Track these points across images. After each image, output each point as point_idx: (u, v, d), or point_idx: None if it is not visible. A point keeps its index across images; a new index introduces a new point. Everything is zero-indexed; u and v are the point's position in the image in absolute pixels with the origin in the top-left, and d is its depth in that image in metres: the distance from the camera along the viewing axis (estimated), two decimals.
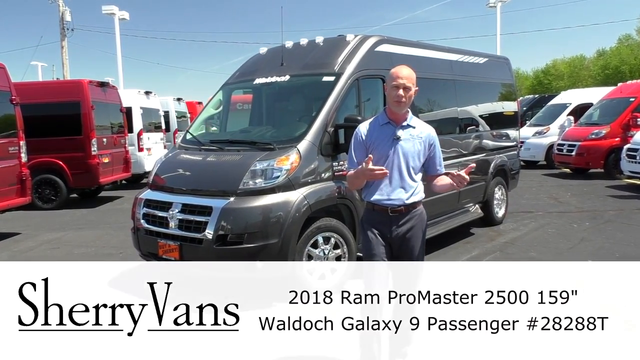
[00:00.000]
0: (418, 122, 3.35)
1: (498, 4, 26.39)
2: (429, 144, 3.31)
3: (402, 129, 3.26)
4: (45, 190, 11.16)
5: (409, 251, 3.29)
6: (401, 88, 3.14)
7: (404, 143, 3.24)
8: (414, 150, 3.25)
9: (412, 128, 3.28)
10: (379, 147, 3.23)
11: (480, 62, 8.03)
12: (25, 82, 11.63)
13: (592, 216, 8.74)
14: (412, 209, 3.28)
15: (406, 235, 3.27)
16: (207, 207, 4.88)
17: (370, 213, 3.36)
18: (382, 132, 3.26)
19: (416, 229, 3.30)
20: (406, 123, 3.27)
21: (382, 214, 3.27)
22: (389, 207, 3.25)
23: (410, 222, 3.28)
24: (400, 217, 3.26)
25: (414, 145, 3.25)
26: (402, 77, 3.15)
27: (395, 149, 3.23)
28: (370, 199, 3.30)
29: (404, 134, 3.25)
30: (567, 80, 56.82)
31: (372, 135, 3.27)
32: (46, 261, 6.79)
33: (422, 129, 3.32)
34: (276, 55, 6.25)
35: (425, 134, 3.31)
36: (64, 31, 29.52)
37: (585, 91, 19.04)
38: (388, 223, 3.26)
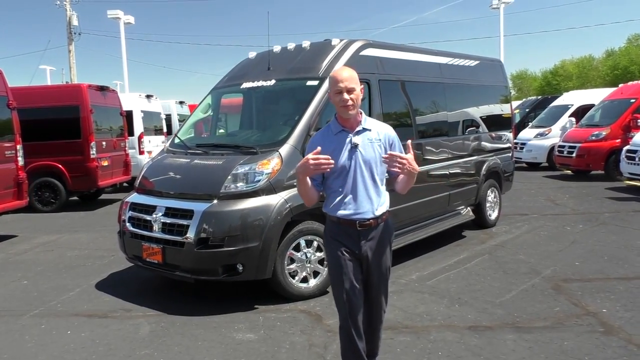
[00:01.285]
0: (374, 123, 3.08)
1: (501, 6, 26.34)
2: (389, 144, 3.02)
3: (358, 135, 2.98)
4: (45, 193, 11.31)
5: (379, 266, 3.05)
6: (344, 91, 2.88)
7: (362, 150, 2.96)
8: (374, 156, 2.98)
9: (369, 131, 3.00)
10: (337, 159, 2.93)
11: (471, 64, 8.03)
12: (25, 86, 11.75)
13: (587, 218, 8.69)
14: (380, 222, 3.04)
15: (375, 249, 3.03)
16: (189, 211, 4.93)
17: (335, 227, 3.05)
18: (337, 142, 2.98)
19: (385, 242, 3.08)
20: (361, 127, 3.00)
21: (349, 228, 2.99)
22: (357, 221, 2.97)
23: (379, 235, 3.04)
24: (370, 230, 3.00)
25: (374, 150, 2.98)
26: (342, 80, 2.89)
27: (355, 158, 2.95)
28: (335, 214, 3.00)
29: (361, 140, 2.97)
30: (576, 81, 56.45)
31: (328, 147, 2.95)
32: (37, 264, 6.90)
33: (380, 129, 3.04)
34: (264, 60, 6.30)
35: (384, 135, 3.02)
36: (71, 35, 29.87)
37: (587, 92, 18.92)
38: (356, 238, 2.99)
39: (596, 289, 5.19)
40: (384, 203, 3.07)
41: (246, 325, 4.58)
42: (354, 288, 2.99)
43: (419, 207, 6.62)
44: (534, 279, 5.58)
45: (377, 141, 3.00)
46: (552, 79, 62.69)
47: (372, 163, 2.98)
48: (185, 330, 4.50)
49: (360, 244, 3.00)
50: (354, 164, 2.96)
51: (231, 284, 5.32)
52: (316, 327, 4.46)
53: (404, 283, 5.61)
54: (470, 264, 6.25)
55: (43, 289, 5.82)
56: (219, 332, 4.44)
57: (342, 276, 3.00)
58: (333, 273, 3.08)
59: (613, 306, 4.70)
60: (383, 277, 3.11)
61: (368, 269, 3.05)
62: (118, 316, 4.91)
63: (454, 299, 5.06)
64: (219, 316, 4.79)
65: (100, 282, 5.98)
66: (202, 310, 4.96)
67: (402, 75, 6.49)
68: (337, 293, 3.05)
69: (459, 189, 7.43)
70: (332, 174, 2.97)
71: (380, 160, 2.98)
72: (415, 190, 6.53)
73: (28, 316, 4.97)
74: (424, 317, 4.61)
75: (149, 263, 5.23)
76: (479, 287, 5.37)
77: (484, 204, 8.08)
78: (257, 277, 4.92)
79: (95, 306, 5.20)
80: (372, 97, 5.92)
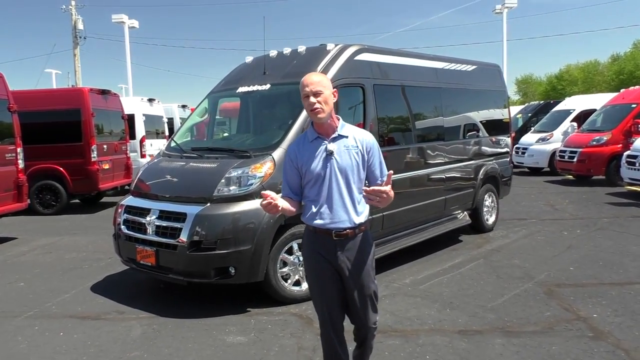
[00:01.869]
0: (351, 129, 2.94)
1: (504, 10, 26.36)
2: (367, 151, 2.89)
3: (334, 142, 2.87)
4: (46, 196, 11.38)
5: (357, 279, 2.93)
6: (311, 95, 2.78)
7: (338, 157, 2.84)
8: (351, 164, 2.86)
9: (345, 138, 2.88)
10: (312, 167, 2.86)
11: (468, 69, 8.05)
12: (28, 90, 11.86)
13: (585, 223, 8.68)
14: (358, 232, 2.92)
15: (354, 261, 2.91)
16: (182, 214, 4.97)
17: (311, 236, 2.97)
18: (313, 149, 2.88)
19: (364, 254, 2.95)
20: (337, 134, 2.88)
21: (325, 237, 2.89)
22: (333, 230, 2.87)
23: (356, 245, 2.92)
24: (346, 241, 2.89)
25: (351, 158, 2.86)
26: (308, 84, 2.80)
27: (331, 166, 2.84)
28: (311, 223, 2.92)
29: (337, 147, 2.86)
30: (581, 86, 56.33)
31: (303, 155, 2.89)
32: (34, 266, 6.95)
33: (357, 136, 2.91)
34: (260, 64, 6.35)
35: (361, 142, 2.89)
36: (76, 39, 30.06)
37: (589, 97, 18.87)
38: (332, 248, 2.89)
39: (588, 294, 5.19)
40: (363, 212, 2.94)
41: (237, 327, 4.60)
42: (331, 299, 2.95)
43: (415, 212, 6.64)
44: (527, 283, 5.58)
45: (355, 148, 2.88)
46: (558, 83, 62.57)
47: (348, 171, 2.86)
48: (177, 332, 4.53)
49: (337, 254, 2.90)
50: (329, 172, 2.85)
51: (225, 286, 5.35)
52: (306, 331, 4.48)
53: (396, 287, 5.62)
54: (464, 268, 6.26)
55: (39, 290, 5.87)
56: (210, 335, 4.47)
57: (319, 287, 2.98)
58: (310, 283, 3.08)
59: (604, 311, 4.70)
60: (364, 291, 2.96)
61: (346, 281, 2.93)
62: (111, 318, 4.95)
63: (446, 303, 5.07)
64: (211, 319, 4.82)
65: (95, 285, 6.02)
66: (194, 312, 4.99)
67: (397, 80, 6.52)
68: (315, 302, 3.06)
69: (455, 194, 7.44)
70: (307, 182, 2.91)
71: (357, 168, 2.88)
72: (411, 195, 6.60)
73: (22, 317, 5.02)
74: (414, 321, 4.62)
75: (143, 265, 5.27)
76: (471, 292, 5.38)
77: (481, 208, 8.08)
78: (249, 280, 4.95)
79: (89, 308, 5.24)
80: (366, 101, 5.95)
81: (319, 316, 3.04)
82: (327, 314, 2.97)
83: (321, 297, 2.98)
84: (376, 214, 6.00)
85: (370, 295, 2.99)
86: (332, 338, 3.00)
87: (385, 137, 6.21)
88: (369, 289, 2.98)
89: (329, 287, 2.94)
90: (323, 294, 2.96)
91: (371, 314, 3.02)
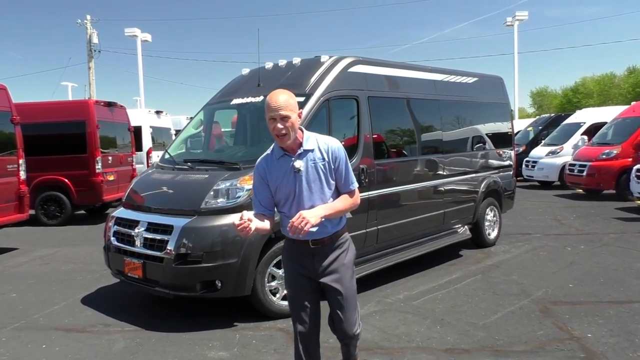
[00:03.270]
0: (315, 140, 2.90)
1: (515, 23, 26.22)
2: (333, 160, 2.88)
3: (300, 158, 2.85)
4: (51, 207, 11.45)
5: (336, 285, 2.95)
6: (278, 120, 2.73)
7: (305, 174, 2.85)
8: (318, 177, 2.87)
9: (311, 152, 2.87)
10: (282, 184, 2.88)
11: (469, 81, 7.95)
12: (33, 102, 12.00)
13: (590, 239, 8.48)
14: (336, 239, 2.96)
15: (330, 267, 2.94)
16: (169, 226, 4.92)
17: (290, 245, 3.03)
18: (280, 167, 2.88)
19: (342, 260, 2.97)
20: (302, 149, 2.86)
21: (303, 246, 2.94)
22: (310, 240, 2.90)
23: (334, 253, 2.96)
24: (324, 248, 2.94)
25: (318, 171, 2.86)
26: (275, 108, 2.73)
27: (299, 183, 2.85)
28: (289, 236, 2.93)
29: (304, 163, 2.85)
30: (597, 99, 55.77)
31: (272, 173, 2.90)
32: (29, 277, 6.96)
33: (322, 146, 2.88)
34: (255, 76, 6.33)
35: (327, 152, 2.88)
36: (91, 53, 30.57)
37: (600, 110, 18.61)
38: (310, 256, 2.94)
39: (585, 312, 5.03)
40: (339, 220, 2.99)
41: (221, 342, 4.53)
42: (305, 307, 2.97)
43: (411, 225, 6.53)
44: (523, 300, 5.43)
45: (321, 160, 2.87)
46: (573, 96, 62.05)
47: (316, 185, 2.87)
48: (159, 346, 4.46)
49: (314, 261, 2.95)
50: (298, 188, 2.86)
51: (215, 300, 5.28)
52: (290, 346, 4.35)
53: (389, 302, 5.51)
54: (461, 284, 6.12)
55: (29, 302, 5.85)
56: (192, 350, 4.39)
57: (295, 295, 3.02)
58: (288, 291, 3.12)
59: (599, 331, 4.54)
60: (342, 297, 2.97)
61: (325, 288, 2.97)
62: (96, 331, 4.90)
63: (437, 319, 4.94)
64: (196, 333, 4.75)
65: (86, 297, 5.99)
66: (181, 326, 4.92)
67: (393, 92, 6.45)
68: (291, 309, 3.08)
69: (455, 207, 7.32)
70: (280, 200, 2.92)
71: (325, 179, 2.89)
72: (407, 208, 6.49)
73: (8, 329, 4.99)
74: (402, 338, 4.50)
75: (131, 278, 5.22)
76: (465, 309, 5.25)
77: (482, 222, 7.94)
78: (235, 294, 4.87)
79: (75, 320, 5.20)
80: (360, 114, 5.89)
81: (294, 327, 3.03)
82: (301, 324, 2.97)
83: (295, 303, 3.01)
84: (371, 227, 5.93)
85: (351, 297, 3.01)
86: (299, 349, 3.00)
87: (380, 149, 6.12)
88: (350, 291, 3.00)
89: (306, 298, 2.97)
90: (298, 300, 2.99)
91: (353, 318, 3.02)
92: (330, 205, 2.87)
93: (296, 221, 2.66)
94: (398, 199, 6.30)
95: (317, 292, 3.00)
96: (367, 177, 5.79)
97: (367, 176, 5.81)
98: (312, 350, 3.02)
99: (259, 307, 5.04)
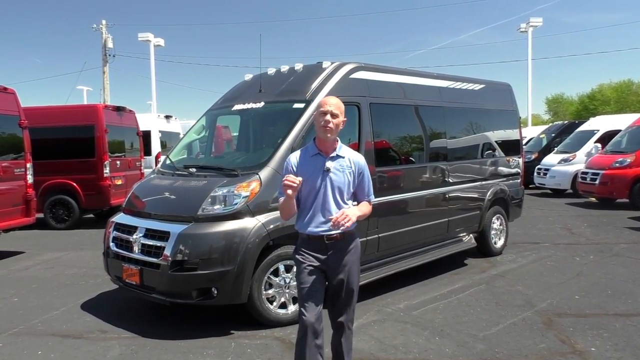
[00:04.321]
0: (348, 151, 3.35)
1: (529, 29, 25.99)
2: (358, 173, 3.33)
3: (332, 160, 3.26)
4: (59, 211, 11.53)
5: (345, 279, 3.29)
6: (328, 114, 3.17)
7: (333, 175, 3.24)
8: (343, 182, 3.26)
9: (342, 158, 3.28)
10: (309, 179, 3.22)
11: (475, 88, 7.85)
12: (43, 106, 12.10)
13: (600, 249, 8.31)
14: (348, 237, 3.31)
15: (342, 262, 3.29)
16: (165, 232, 4.89)
17: (305, 242, 3.34)
18: (312, 164, 3.26)
19: (352, 257, 3.33)
20: (335, 154, 3.28)
21: (318, 242, 3.28)
22: (325, 235, 3.25)
23: (346, 249, 3.31)
24: (337, 244, 3.28)
25: (344, 177, 3.26)
26: (329, 104, 3.20)
27: (325, 181, 3.23)
28: (305, 231, 3.29)
29: (334, 165, 3.25)
30: (614, 106, 54.95)
31: (302, 167, 3.27)
32: (33, 281, 6.98)
33: (352, 158, 3.32)
34: (257, 82, 6.30)
35: (355, 164, 3.31)
36: (106, 57, 30.86)
37: (614, 117, 18.33)
38: (324, 249, 3.27)
39: (590, 325, 4.90)
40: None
41: (216, 351, 4.48)
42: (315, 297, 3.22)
43: (413, 234, 6.44)
44: (527, 312, 5.31)
45: (349, 168, 3.29)
46: (590, 103, 61.21)
47: (341, 187, 3.26)
48: (153, 354, 4.43)
49: (328, 254, 3.27)
50: (324, 185, 3.24)
51: (213, 307, 5.23)
52: (285, 356, 4.33)
53: (389, 312, 5.42)
54: (463, 294, 6.01)
55: (30, 307, 5.86)
56: (187, 358, 4.35)
57: (307, 286, 3.25)
58: (299, 282, 3.32)
59: (603, 345, 4.42)
60: (350, 285, 3.32)
61: (334, 279, 3.30)
62: (93, 337, 4.88)
63: (437, 330, 4.85)
64: (191, 340, 4.71)
65: (86, 302, 5.98)
66: (177, 333, 4.89)
67: (395, 99, 6.37)
68: (300, 299, 3.31)
69: (459, 215, 7.21)
70: (305, 193, 3.25)
71: (348, 185, 3.29)
72: (409, 216, 6.40)
73: (6, 334, 4.99)
74: (399, 350, 4.42)
75: (129, 284, 5.20)
76: (466, 319, 5.14)
77: (489, 231, 7.82)
78: (231, 301, 4.83)
79: (73, 326, 5.18)
80: (362, 120, 5.83)
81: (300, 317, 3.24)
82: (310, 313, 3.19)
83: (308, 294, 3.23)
84: (371, 235, 5.85)
85: (353, 290, 3.37)
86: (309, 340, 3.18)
87: (382, 156, 6.04)
88: (354, 287, 3.36)
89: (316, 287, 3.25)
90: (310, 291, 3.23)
91: (351, 310, 3.39)
92: (360, 208, 3.32)
93: (340, 217, 3.08)
94: (400, 206, 6.22)
95: (324, 284, 3.32)
96: None
97: None
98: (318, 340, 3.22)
99: (256, 315, 4.98)
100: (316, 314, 3.21)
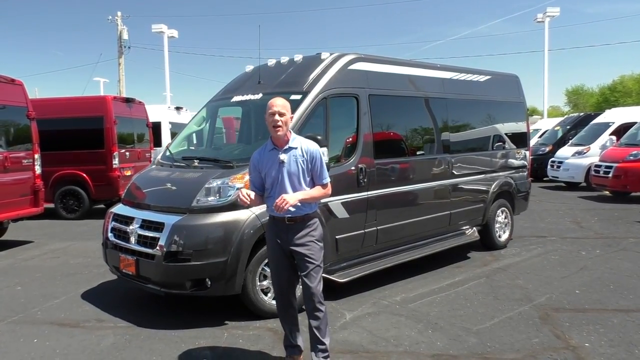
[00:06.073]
0: (300, 141, 3.74)
1: (546, 20, 25.53)
2: (311, 160, 3.69)
3: (285, 153, 3.68)
4: (70, 201, 11.69)
5: (304, 250, 3.68)
6: (276, 114, 3.59)
7: (287, 166, 3.67)
8: (297, 170, 3.67)
9: (295, 149, 3.68)
10: (269, 172, 3.70)
11: (480, 79, 7.74)
12: (53, 97, 12.29)
13: (607, 243, 8.17)
14: (307, 220, 3.74)
15: (301, 240, 3.70)
16: (160, 223, 4.92)
17: (271, 223, 3.87)
18: (270, 158, 3.71)
19: (311, 235, 3.73)
20: (288, 146, 3.69)
21: (280, 223, 3.74)
22: (285, 217, 3.69)
23: (305, 229, 3.72)
24: (296, 225, 3.71)
25: (298, 166, 3.67)
26: (276, 105, 3.62)
27: (281, 172, 3.67)
28: (271, 214, 3.82)
29: (287, 157, 3.67)
30: (636, 97, 53.84)
31: (262, 162, 3.75)
32: (37, 270, 7.09)
33: (304, 147, 3.69)
34: (256, 74, 6.28)
35: (307, 152, 3.68)
36: (121, 49, 31.08)
37: (629, 110, 17.94)
38: (285, 230, 3.72)
39: (587, 320, 4.83)
40: (308, 205, 3.73)
41: (208, 341, 4.51)
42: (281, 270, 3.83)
43: (413, 226, 6.40)
44: (524, 306, 5.25)
45: (301, 157, 3.69)
46: (610, 95, 60.03)
47: (296, 175, 3.68)
48: (146, 344, 4.47)
49: (288, 235, 3.72)
50: (281, 175, 3.67)
51: (210, 298, 5.26)
52: (275, 347, 4.34)
53: (385, 304, 5.40)
54: (462, 287, 5.97)
55: (32, 295, 5.95)
56: (178, 347, 4.38)
57: (275, 265, 3.87)
58: (270, 261, 3.98)
59: (598, 340, 4.35)
60: (310, 261, 3.69)
61: (297, 256, 3.71)
62: (89, 326, 4.94)
63: (430, 323, 4.82)
64: (185, 330, 4.75)
65: (87, 291, 6.06)
66: (172, 323, 4.92)
67: (395, 90, 6.30)
68: (272, 277, 3.97)
69: (462, 208, 7.14)
70: (268, 185, 3.73)
71: (302, 173, 3.69)
72: (409, 209, 6.36)
73: (5, 322, 5.08)
74: (390, 342, 4.40)
75: (125, 274, 5.25)
76: (461, 313, 5.10)
77: (493, 224, 7.74)
78: (225, 292, 4.84)
79: (71, 315, 5.26)
80: (360, 112, 5.79)
81: (274, 288, 4.02)
82: (279, 286, 3.87)
83: (276, 271, 3.87)
84: (369, 228, 5.83)
85: (315, 265, 3.70)
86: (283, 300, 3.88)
87: (381, 148, 5.99)
88: (315, 261, 3.71)
89: (282, 265, 3.81)
90: (277, 269, 3.85)
91: (315, 281, 3.69)
92: (307, 192, 3.67)
93: (279, 201, 3.49)
94: (399, 199, 6.18)
95: (290, 259, 3.77)
96: (366, 177, 5.69)
97: (366, 176, 5.71)
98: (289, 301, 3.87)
99: (250, 306, 5.00)
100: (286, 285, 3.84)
